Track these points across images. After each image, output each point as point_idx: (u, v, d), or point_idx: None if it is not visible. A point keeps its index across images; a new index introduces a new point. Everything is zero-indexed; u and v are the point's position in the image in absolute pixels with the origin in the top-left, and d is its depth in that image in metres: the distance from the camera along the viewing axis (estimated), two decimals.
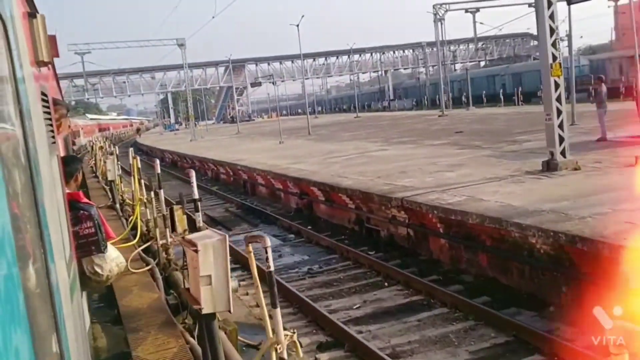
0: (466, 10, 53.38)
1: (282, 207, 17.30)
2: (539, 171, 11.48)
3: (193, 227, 7.06)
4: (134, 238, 9.61)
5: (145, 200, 11.61)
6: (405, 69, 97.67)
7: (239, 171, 21.75)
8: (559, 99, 11.21)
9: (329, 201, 14.44)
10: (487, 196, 9.67)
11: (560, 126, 11.22)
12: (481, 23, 54.98)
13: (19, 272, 1.13)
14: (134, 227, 9.72)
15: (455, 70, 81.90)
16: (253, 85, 48.97)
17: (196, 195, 7.09)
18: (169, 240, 8.82)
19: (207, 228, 5.22)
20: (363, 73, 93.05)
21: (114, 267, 4.30)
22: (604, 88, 15.77)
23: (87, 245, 4.02)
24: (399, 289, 8.94)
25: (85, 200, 4.33)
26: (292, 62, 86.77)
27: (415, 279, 8.96)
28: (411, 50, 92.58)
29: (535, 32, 14.15)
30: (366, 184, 12.77)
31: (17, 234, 1.16)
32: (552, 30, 11.13)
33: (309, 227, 13.88)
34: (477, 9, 54.08)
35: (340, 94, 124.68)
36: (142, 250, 9.31)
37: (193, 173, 7.12)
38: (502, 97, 52.47)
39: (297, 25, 35.27)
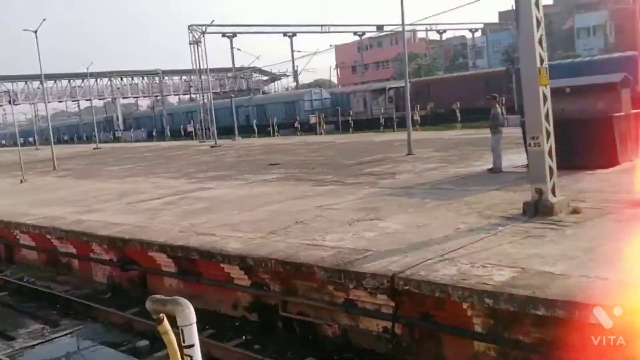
0: (223, 35, 50.12)
1: (80, 284, 11.22)
2: (521, 215, 8.32)
3: None
4: None
5: None
6: (135, 97, 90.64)
7: None
8: (547, 117, 8.25)
9: (185, 274, 9.24)
10: (547, 266, 6.05)
11: (550, 154, 8.26)
12: (238, 49, 52.26)
13: None
14: None
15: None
16: None
17: None
18: None
19: None
20: (87, 100, 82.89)
21: None
22: (499, 109, 13.63)
23: None
24: None
25: None
26: None
27: None
28: (141, 78, 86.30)
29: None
30: (272, 246, 8.09)
31: None
32: (539, 23, 8.18)
33: None
34: (235, 34, 51.28)
35: (56, 122, 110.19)
36: None
37: None
38: (255, 128, 51.36)
39: (35, 32, 27.24)
